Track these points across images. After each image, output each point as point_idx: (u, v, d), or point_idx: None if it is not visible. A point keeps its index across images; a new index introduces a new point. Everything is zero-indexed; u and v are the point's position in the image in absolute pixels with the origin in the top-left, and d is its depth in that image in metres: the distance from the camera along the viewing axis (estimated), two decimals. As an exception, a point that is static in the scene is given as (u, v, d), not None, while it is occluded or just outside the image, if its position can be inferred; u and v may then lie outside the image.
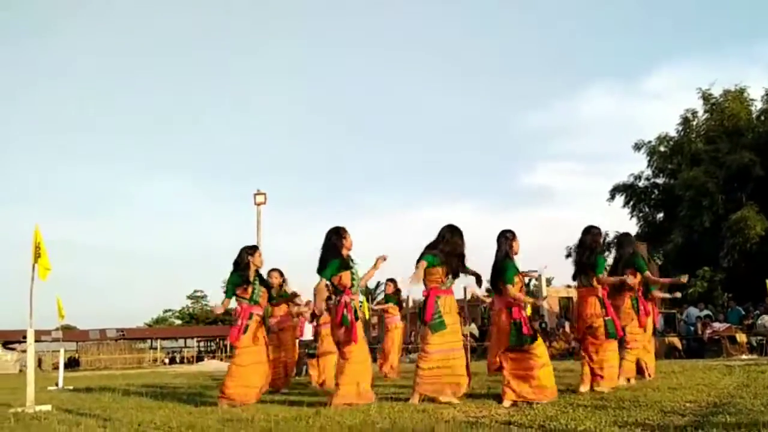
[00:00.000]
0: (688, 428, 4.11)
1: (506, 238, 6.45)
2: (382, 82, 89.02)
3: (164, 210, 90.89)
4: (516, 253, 6.42)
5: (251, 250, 7.24)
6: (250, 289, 7.06)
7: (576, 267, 7.15)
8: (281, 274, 8.90)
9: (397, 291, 11.33)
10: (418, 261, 6.32)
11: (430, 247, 6.38)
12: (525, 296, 6.47)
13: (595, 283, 6.88)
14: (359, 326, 6.34)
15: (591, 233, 7.10)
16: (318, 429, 4.60)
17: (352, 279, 6.40)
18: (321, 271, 6.33)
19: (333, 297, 6.44)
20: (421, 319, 6.41)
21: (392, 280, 11.18)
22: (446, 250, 6.34)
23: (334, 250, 6.37)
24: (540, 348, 6.22)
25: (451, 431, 4.06)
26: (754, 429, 3.89)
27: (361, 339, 6.31)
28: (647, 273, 7.42)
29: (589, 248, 7.04)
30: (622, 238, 8.32)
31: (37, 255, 7.23)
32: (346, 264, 6.38)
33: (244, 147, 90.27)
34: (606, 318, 6.75)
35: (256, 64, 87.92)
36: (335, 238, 6.42)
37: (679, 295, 7.88)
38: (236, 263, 7.13)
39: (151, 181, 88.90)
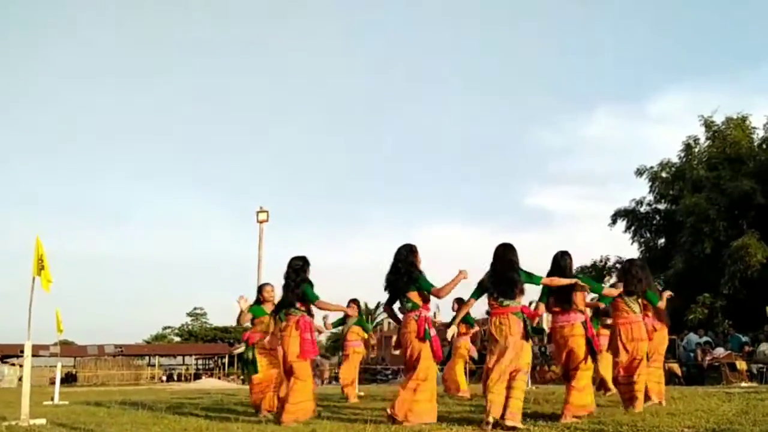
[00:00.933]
0: (686, 453, 4.08)
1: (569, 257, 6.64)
2: (386, 99, 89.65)
3: (166, 226, 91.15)
4: None
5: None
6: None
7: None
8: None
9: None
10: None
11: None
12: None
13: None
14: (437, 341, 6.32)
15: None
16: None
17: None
18: (412, 284, 6.31)
19: (408, 312, 6.40)
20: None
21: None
22: None
23: (415, 267, 6.38)
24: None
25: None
26: (752, 455, 3.85)
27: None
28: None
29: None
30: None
31: (40, 267, 7.22)
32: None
33: (245, 163, 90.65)
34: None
35: (260, 75, 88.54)
36: (411, 256, 6.44)
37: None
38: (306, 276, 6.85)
39: (153, 197, 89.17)
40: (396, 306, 6.62)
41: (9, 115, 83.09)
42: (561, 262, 6.67)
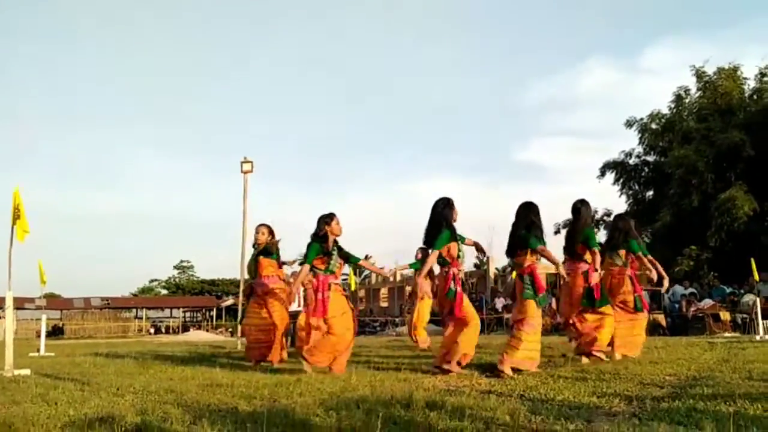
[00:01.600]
0: (665, 399, 4.12)
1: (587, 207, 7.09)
2: (378, 53, 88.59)
3: (152, 179, 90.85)
4: None
5: (328, 218, 6.65)
6: (326, 260, 6.57)
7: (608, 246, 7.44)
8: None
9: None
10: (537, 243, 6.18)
11: (529, 229, 6.21)
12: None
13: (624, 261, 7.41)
14: (465, 298, 6.26)
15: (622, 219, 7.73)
16: (297, 395, 4.58)
17: (459, 250, 6.33)
18: (431, 241, 6.21)
19: (440, 268, 6.36)
20: (533, 292, 6.19)
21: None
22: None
23: (445, 221, 6.21)
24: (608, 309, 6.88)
25: (429, 398, 4.04)
26: (730, 400, 3.89)
27: (467, 309, 6.21)
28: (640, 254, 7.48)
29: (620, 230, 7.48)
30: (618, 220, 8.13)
31: (16, 217, 7.14)
32: (455, 235, 6.25)
33: (232, 117, 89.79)
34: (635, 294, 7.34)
35: (250, 32, 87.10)
36: (447, 210, 6.25)
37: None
38: (315, 233, 6.59)
39: (138, 151, 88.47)
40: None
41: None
42: (581, 212, 7.08)
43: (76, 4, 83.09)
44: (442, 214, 6.24)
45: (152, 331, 41.49)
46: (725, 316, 15.16)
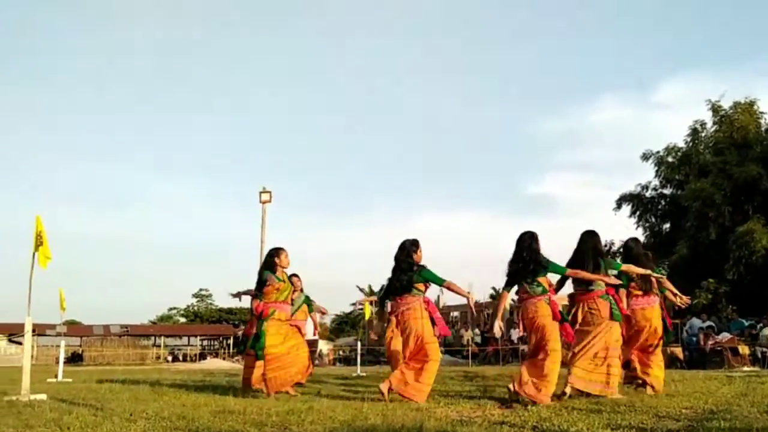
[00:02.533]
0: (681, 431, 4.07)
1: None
2: (390, 85, 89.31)
3: (171, 207, 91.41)
4: None
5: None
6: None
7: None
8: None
9: None
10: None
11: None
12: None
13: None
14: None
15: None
16: (309, 423, 4.57)
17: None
18: (540, 271, 6.48)
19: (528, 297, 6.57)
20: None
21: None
22: None
23: (538, 253, 6.54)
24: None
25: (440, 428, 4.02)
26: (747, 434, 3.84)
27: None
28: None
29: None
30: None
31: (39, 243, 7.26)
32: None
33: (250, 148, 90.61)
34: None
35: (262, 64, 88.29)
36: (536, 244, 6.56)
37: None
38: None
39: (158, 179, 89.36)
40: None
41: (14, 99, 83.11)
42: (633, 251, 7.41)
43: (85, 28, 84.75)
44: (533, 248, 6.53)
45: (170, 358, 41.56)
46: (744, 349, 14.96)
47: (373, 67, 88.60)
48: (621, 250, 26.58)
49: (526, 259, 6.50)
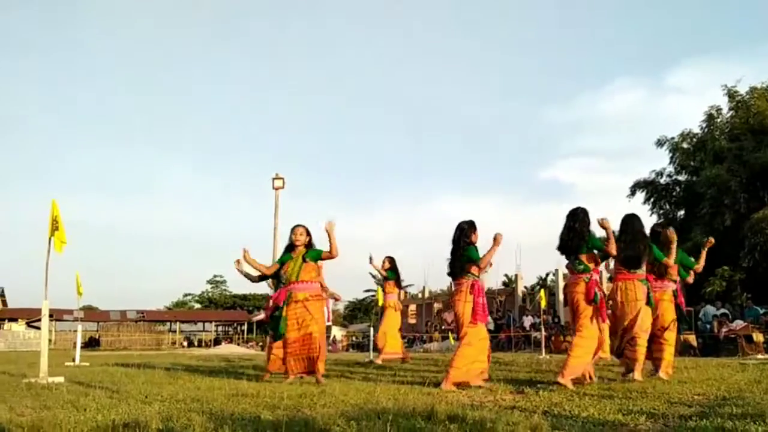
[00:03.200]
0: (693, 417, 4.07)
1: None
2: (405, 73, 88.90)
3: (186, 194, 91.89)
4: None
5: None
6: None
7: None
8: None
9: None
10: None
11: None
12: None
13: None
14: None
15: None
16: (321, 406, 4.62)
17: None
18: (581, 246, 6.54)
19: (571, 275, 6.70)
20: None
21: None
22: None
23: (587, 229, 6.60)
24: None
25: (451, 411, 4.04)
26: (760, 420, 3.82)
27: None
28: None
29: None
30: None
31: (54, 228, 7.32)
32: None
33: (265, 134, 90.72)
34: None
35: (277, 49, 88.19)
36: (587, 219, 6.62)
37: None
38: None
39: (173, 165, 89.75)
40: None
41: (35, 88, 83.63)
42: (661, 236, 7.50)
43: (108, 21, 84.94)
44: (586, 222, 6.60)
45: (185, 344, 41.92)
46: (758, 337, 14.86)
47: (388, 53, 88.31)
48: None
49: (571, 234, 6.58)
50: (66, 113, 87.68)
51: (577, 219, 6.59)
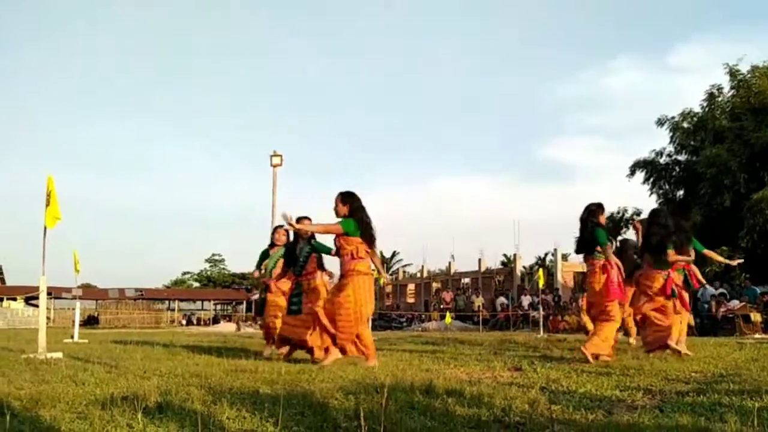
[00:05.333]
0: (690, 393, 4.08)
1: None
2: (403, 50, 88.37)
3: (184, 173, 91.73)
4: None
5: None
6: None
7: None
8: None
9: None
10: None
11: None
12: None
13: None
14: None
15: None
16: (320, 381, 4.62)
17: None
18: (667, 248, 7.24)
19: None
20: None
21: None
22: None
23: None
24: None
25: (449, 387, 4.05)
26: (756, 396, 3.84)
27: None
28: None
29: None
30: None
31: (47, 203, 7.26)
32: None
33: (263, 111, 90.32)
34: None
35: (275, 28, 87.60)
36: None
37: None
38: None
39: (171, 144, 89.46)
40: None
41: (29, 72, 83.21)
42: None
43: None
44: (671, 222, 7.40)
45: (184, 322, 42.02)
46: (756, 317, 14.92)
47: (386, 28, 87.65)
48: (633, 217, 26.71)
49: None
50: (65, 87, 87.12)
51: (661, 222, 7.35)
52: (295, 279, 7.32)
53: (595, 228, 6.94)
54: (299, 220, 7.22)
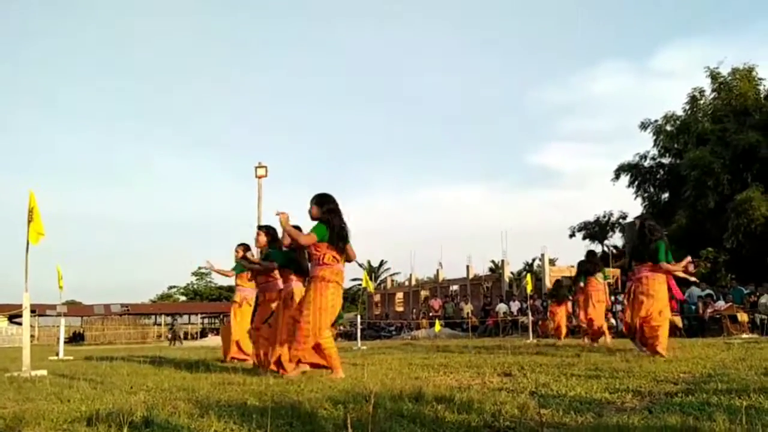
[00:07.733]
0: (679, 394, 4.09)
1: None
2: (391, 56, 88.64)
3: (169, 184, 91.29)
4: None
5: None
6: None
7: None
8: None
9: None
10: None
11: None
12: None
13: None
14: None
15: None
16: (309, 392, 4.58)
17: None
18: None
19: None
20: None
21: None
22: None
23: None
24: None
25: (439, 393, 4.03)
26: (744, 394, 3.85)
27: None
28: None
29: None
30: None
31: (30, 219, 7.17)
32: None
33: (246, 123, 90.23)
34: None
35: (261, 35, 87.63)
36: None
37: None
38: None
39: (156, 156, 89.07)
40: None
41: (12, 79, 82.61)
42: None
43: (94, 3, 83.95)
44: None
45: (170, 336, 41.73)
46: (743, 317, 15.00)
47: (373, 37, 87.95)
48: (619, 221, 26.88)
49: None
50: (47, 100, 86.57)
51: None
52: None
53: (657, 241, 7.75)
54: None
